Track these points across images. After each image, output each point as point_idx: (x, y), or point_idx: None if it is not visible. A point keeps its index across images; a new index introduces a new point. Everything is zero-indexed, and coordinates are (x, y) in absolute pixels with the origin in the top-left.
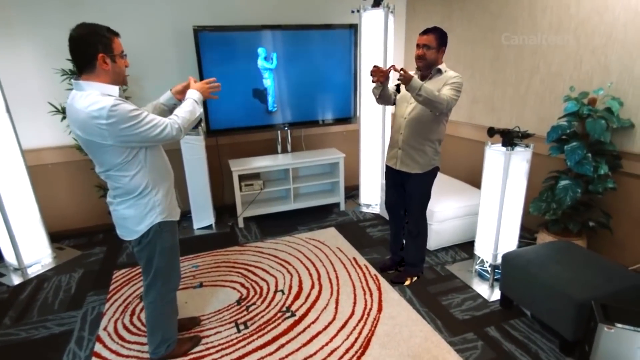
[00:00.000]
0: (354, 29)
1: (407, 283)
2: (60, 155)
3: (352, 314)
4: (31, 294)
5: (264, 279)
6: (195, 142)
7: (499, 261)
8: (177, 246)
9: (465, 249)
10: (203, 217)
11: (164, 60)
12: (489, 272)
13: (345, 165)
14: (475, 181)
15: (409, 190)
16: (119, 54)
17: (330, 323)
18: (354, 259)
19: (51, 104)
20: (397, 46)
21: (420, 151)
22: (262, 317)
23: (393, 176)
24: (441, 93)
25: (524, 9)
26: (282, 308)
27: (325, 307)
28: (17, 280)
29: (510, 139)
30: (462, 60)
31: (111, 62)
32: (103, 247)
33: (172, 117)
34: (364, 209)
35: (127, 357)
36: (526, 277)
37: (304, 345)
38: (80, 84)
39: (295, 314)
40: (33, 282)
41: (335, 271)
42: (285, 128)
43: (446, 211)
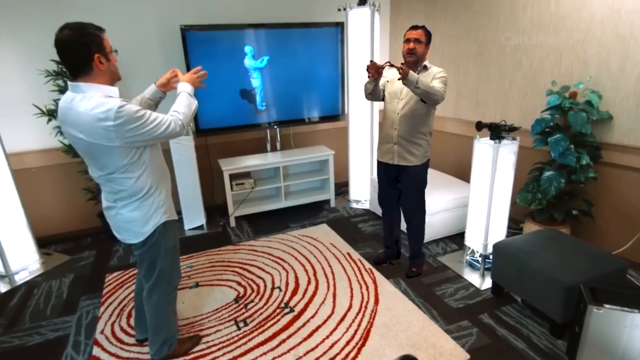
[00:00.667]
0: (340, 27)
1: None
2: (45, 158)
3: (350, 307)
4: (21, 301)
5: (260, 277)
6: (185, 142)
7: (489, 251)
8: (178, 245)
9: (455, 240)
10: (194, 218)
11: (150, 60)
12: (480, 261)
13: (335, 162)
14: (462, 175)
15: (407, 183)
16: (110, 50)
17: (329, 317)
18: (348, 254)
19: (36, 106)
20: (382, 44)
21: (416, 144)
22: (261, 314)
23: (387, 171)
24: (434, 86)
25: (506, 7)
26: (280, 304)
27: (323, 302)
28: (4, 287)
29: (497, 132)
30: (446, 57)
31: (106, 61)
32: (92, 251)
33: (173, 114)
34: (354, 205)
35: (127, 359)
36: (517, 265)
37: (305, 339)
38: (80, 86)
39: (294, 309)
40: (22, 289)
41: (330, 266)
42: (274, 126)
43: (436, 204)
